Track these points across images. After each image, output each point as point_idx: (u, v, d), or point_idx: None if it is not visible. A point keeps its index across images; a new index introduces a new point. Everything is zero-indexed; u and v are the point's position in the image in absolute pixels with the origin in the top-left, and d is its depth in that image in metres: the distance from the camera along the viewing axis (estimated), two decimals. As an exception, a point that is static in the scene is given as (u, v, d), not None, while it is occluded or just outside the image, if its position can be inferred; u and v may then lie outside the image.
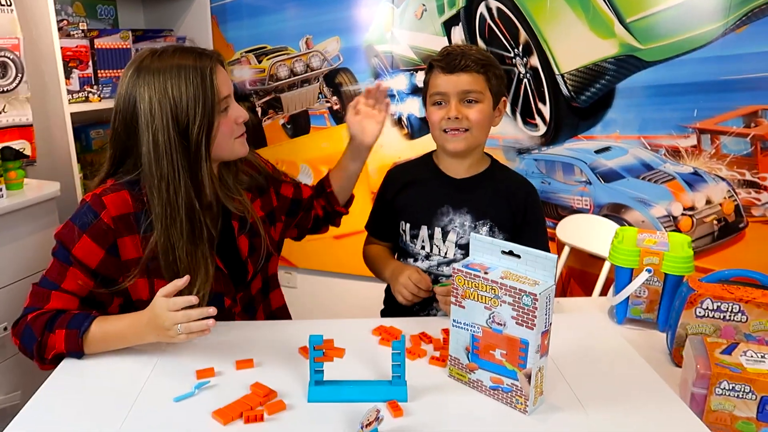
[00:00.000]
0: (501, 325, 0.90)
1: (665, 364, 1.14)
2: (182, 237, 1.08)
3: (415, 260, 1.37)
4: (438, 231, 1.33)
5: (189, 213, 1.09)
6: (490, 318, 0.91)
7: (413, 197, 1.36)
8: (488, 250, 0.96)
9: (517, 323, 0.88)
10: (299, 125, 2.45)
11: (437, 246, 1.33)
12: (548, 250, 1.33)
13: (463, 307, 0.95)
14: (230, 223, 1.22)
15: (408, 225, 1.36)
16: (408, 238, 1.36)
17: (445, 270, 1.34)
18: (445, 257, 1.34)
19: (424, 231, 1.34)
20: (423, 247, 1.35)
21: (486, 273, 0.91)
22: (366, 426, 0.84)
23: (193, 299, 0.97)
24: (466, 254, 1.25)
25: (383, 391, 0.94)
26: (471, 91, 1.25)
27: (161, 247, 1.09)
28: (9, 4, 1.66)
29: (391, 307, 1.45)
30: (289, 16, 2.32)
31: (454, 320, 0.97)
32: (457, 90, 1.25)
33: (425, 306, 1.35)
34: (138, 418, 0.90)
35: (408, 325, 1.17)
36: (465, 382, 0.98)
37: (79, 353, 1.04)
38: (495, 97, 1.29)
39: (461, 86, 1.24)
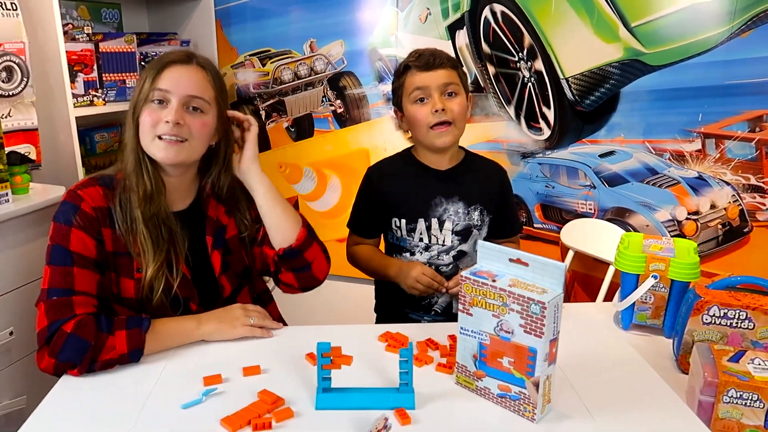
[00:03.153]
0: (509, 333, 0.90)
1: (671, 370, 1.13)
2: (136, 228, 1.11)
3: (412, 254, 1.42)
4: (435, 221, 1.39)
5: (140, 203, 1.11)
6: (498, 326, 0.91)
7: (405, 193, 1.40)
8: (496, 257, 0.95)
9: (525, 331, 0.88)
10: (303, 128, 2.45)
11: (435, 236, 1.40)
12: (520, 222, 1.55)
13: (471, 315, 0.95)
14: (204, 237, 1.20)
15: (403, 220, 1.40)
16: (404, 232, 1.41)
17: (445, 258, 1.41)
18: (443, 245, 1.40)
19: (421, 224, 1.39)
20: (422, 239, 1.40)
21: (494, 281, 0.91)
22: (374, 434, 0.84)
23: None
24: (462, 239, 1.39)
25: (391, 398, 0.94)
26: (450, 83, 1.32)
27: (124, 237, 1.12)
28: (14, 8, 1.66)
29: (386, 313, 1.51)
30: (293, 19, 2.32)
31: (461, 327, 0.97)
32: (437, 83, 1.31)
33: (427, 309, 1.44)
34: (146, 425, 0.90)
35: (414, 332, 1.17)
36: (472, 389, 0.98)
37: (139, 352, 1.04)
38: (466, 93, 1.37)
39: (441, 80, 1.31)
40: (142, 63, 2.15)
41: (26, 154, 1.68)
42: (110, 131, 2.17)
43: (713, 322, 1.09)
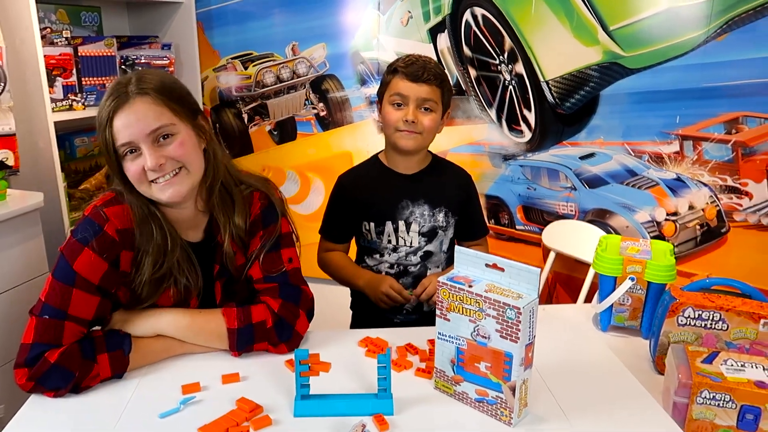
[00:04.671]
0: (485, 338, 0.91)
1: (648, 371, 1.15)
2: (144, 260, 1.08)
3: (382, 255, 1.48)
4: (402, 224, 1.45)
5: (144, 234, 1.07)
6: (474, 331, 0.92)
7: (373, 197, 1.46)
8: (472, 263, 0.96)
9: (501, 336, 0.89)
10: (286, 132, 2.45)
11: (402, 238, 1.46)
12: (486, 225, 1.59)
13: (448, 320, 0.95)
14: (212, 264, 1.16)
15: (372, 224, 1.46)
16: (374, 235, 1.46)
17: (413, 258, 1.47)
18: (411, 246, 1.46)
19: (389, 226, 1.45)
20: (390, 241, 1.46)
21: (470, 286, 0.92)
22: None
23: None
24: (428, 240, 1.47)
25: (369, 404, 0.94)
26: (428, 99, 1.37)
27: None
28: (-9, 12, 1.64)
29: (362, 311, 1.55)
30: (275, 22, 2.32)
31: (439, 333, 0.97)
32: (417, 97, 1.36)
33: (398, 309, 1.47)
34: (123, 435, 0.90)
35: (394, 337, 1.17)
36: (450, 394, 0.98)
37: (122, 374, 1.03)
38: (444, 109, 1.42)
39: (421, 95, 1.36)
40: (122, 66, 2.14)
41: (4, 160, 1.66)
42: (90, 135, 2.14)
43: (688, 323, 1.11)
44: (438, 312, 0.96)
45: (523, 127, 2.10)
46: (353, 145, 2.35)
